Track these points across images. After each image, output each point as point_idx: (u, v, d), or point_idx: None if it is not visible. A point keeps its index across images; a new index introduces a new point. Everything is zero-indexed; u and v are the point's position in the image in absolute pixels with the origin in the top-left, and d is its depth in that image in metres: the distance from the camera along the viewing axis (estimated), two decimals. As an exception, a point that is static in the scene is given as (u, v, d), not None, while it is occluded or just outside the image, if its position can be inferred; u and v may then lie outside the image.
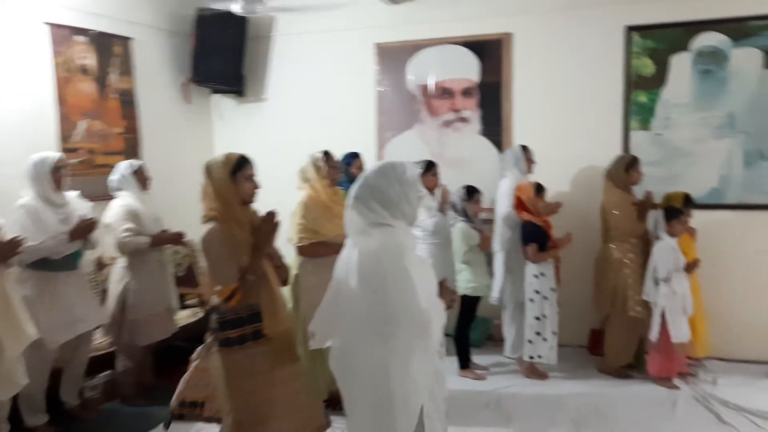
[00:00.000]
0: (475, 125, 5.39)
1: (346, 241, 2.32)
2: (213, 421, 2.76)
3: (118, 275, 4.12)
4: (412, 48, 5.48)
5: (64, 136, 4.57)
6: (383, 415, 2.17)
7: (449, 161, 5.29)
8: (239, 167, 2.63)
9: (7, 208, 3.52)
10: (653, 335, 4.24)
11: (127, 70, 5.16)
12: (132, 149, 5.17)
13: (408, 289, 2.14)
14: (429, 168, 4.57)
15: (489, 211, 4.96)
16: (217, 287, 2.61)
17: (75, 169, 4.23)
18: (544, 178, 4.74)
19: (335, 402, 3.58)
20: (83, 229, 3.67)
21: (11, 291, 3.25)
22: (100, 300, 4.14)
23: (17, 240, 3.16)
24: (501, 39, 5.22)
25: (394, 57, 5.54)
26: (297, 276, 3.71)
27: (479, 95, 5.34)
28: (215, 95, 6.09)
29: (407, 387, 2.17)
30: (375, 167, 2.33)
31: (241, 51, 5.77)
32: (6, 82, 4.16)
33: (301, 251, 3.69)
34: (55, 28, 4.51)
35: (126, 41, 5.13)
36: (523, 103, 5.23)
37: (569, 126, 5.09)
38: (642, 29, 4.85)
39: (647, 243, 4.44)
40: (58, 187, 3.69)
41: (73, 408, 3.99)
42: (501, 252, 4.69)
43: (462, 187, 4.55)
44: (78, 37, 4.70)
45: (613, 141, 4.95)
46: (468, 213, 4.50)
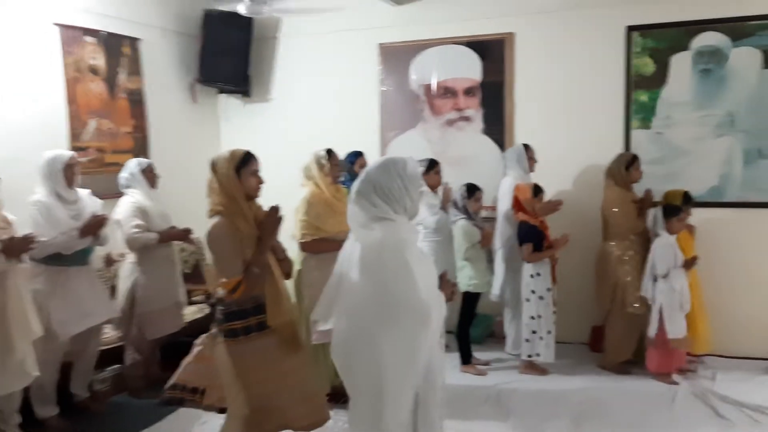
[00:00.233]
0: (478, 124, 5.45)
1: (348, 236, 2.39)
2: (212, 410, 2.81)
3: (127, 270, 4.21)
4: (415, 48, 5.55)
5: (74, 134, 4.67)
6: (375, 403, 2.22)
7: (452, 160, 5.35)
8: (244, 163, 2.70)
9: (20, 204, 3.59)
10: (651, 331, 4.28)
11: (136, 70, 5.26)
12: (140, 148, 5.26)
13: (408, 282, 2.19)
14: (432, 166, 4.64)
15: (491, 209, 5.03)
16: (223, 279, 2.68)
17: (84, 167, 4.30)
18: (545, 176, 4.80)
19: (338, 396, 3.67)
20: (94, 226, 3.75)
21: (22, 287, 3.34)
22: (109, 295, 4.23)
23: (30, 236, 3.25)
24: (503, 39, 5.29)
25: (397, 57, 5.61)
26: (300, 272, 3.77)
27: (482, 94, 5.41)
28: (221, 95, 6.18)
29: (402, 377, 2.22)
30: (377, 163, 2.39)
31: (247, 52, 5.86)
32: (18, 82, 4.26)
33: (304, 247, 3.76)
34: (65, 29, 4.60)
35: (135, 42, 5.23)
36: (525, 102, 5.29)
37: (571, 125, 5.15)
38: (642, 29, 4.89)
39: (647, 240, 4.47)
40: (69, 185, 3.78)
41: (83, 400, 4.08)
42: (502, 249, 4.75)
43: (463, 185, 4.61)
44: (88, 38, 4.79)
45: (614, 139, 5.00)
46: (469, 210, 4.56)
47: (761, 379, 4.36)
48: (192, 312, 4.79)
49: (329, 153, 3.85)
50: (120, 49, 5.09)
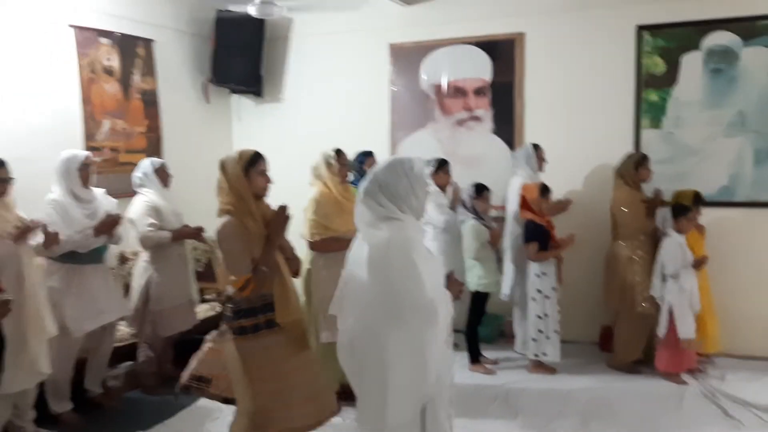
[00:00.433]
0: (488, 124, 5.47)
1: (356, 235, 2.42)
2: (217, 399, 2.85)
3: (141, 269, 4.27)
4: (425, 48, 5.57)
5: (88, 134, 4.75)
6: (382, 401, 2.26)
7: (462, 159, 5.38)
8: (252, 163, 2.75)
9: (36, 202, 3.66)
10: (661, 331, 4.28)
11: (150, 71, 5.33)
12: (154, 148, 5.33)
13: (415, 280, 2.22)
14: (441, 166, 4.67)
15: (501, 209, 5.04)
16: (232, 278, 2.73)
17: (99, 167, 4.37)
18: (555, 176, 4.82)
19: (346, 395, 3.70)
20: (108, 225, 3.81)
21: (38, 287, 3.41)
22: (123, 292, 4.29)
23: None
24: (513, 39, 5.30)
25: (407, 57, 5.64)
26: (309, 270, 3.81)
27: (492, 94, 5.42)
28: (234, 95, 6.24)
29: (409, 375, 2.25)
30: (383, 163, 2.42)
31: (259, 52, 5.91)
32: (34, 83, 4.34)
33: (313, 246, 3.80)
34: (80, 30, 4.68)
35: (149, 43, 5.30)
36: (535, 102, 5.30)
37: (581, 124, 5.15)
38: (653, 28, 4.89)
39: (657, 240, 4.47)
40: (85, 184, 3.84)
41: (97, 396, 4.13)
42: (511, 249, 4.77)
43: (471, 185, 4.63)
44: (102, 40, 4.86)
45: (625, 139, 4.99)
46: (477, 210, 4.58)
47: (771, 380, 4.35)
48: (204, 310, 4.85)
49: (338, 153, 3.89)
50: (134, 50, 5.16)
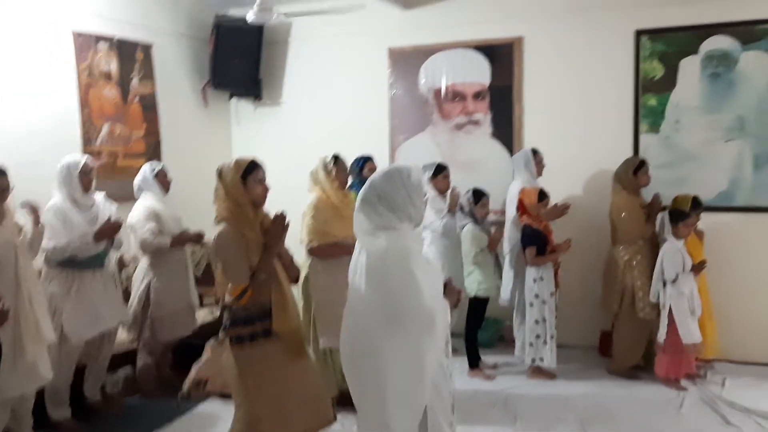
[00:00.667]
0: (487, 128, 5.46)
1: (356, 244, 2.42)
2: (216, 395, 2.84)
3: (141, 274, 4.27)
4: (424, 52, 5.57)
5: (87, 139, 4.75)
6: (381, 410, 2.27)
7: (461, 164, 5.38)
8: (249, 171, 2.74)
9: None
10: (660, 336, 4.28)
11: (148, 75, 5.33)
12: (153, 152, 5.33)
13: (413, 290, 2.22)
14: (440, 170, 4.66)
15: (500, 213, 5.04)
16: (229, 286, 2.73)
17: (97, 171, 4.36)
18: (554, 180, 4.82)
19: (345, 400, 3.70)
20: (108, 230, 3.80)
21: (36, 293, 3.39)
22: (122, 298, 4.28)
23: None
24: (512, 43, 5.30)
25: (406, 61, 5.64)
26: (307, 276, 3.80)
27: (490, 98, 5.42)
28: (233, 99, 6.24)
29: (406, 384, 2.25)
30: (381, 172, 2.42)
31: (258, 56, 5.92)
32: (32, 87, 4.34)
33: (312, 252, 3.79)
34: (79, 35, 4.68)
35: (147, 47, 5.30)
36: (534, 106, 5.30)
37: (579, 129, 5.15)
38: (652, 33, 4.89)
39: (655, 245, 4.47)
40: (86, 190, 3.83)
41: (95, 402, 4.13)
42: (510, 254, 4.76)
43: (470, 190, 4.62)
44: (101, 44, 4.86)
45: (623, 144, 4.99)
46: (475, 216, 4.57)
47: (771, 385, 4.34)
48: (202, 314, 4.84)
49: (336, 159, 3.88)
50: (133, 54, 5.16)
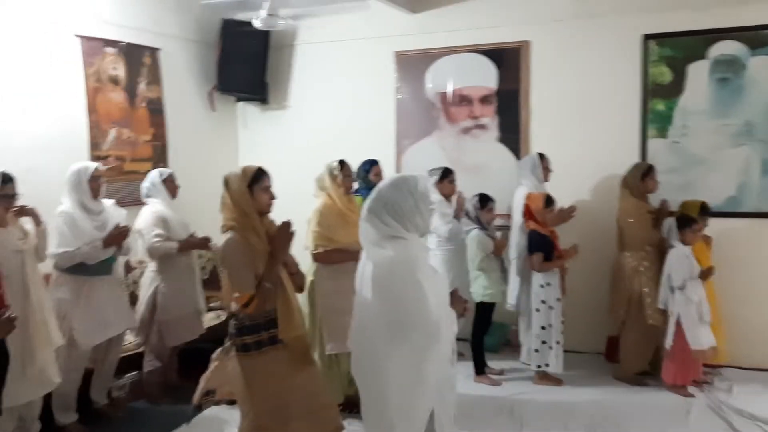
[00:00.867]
0: (493, 132, 5.45)
1: (362, 252, 2.42)
2: (225, 404, 2.85)
3: (148, 279, 4.28)
4: (430, 56, 5.56)
5: (94, 143, 4.76)
6: (384, 420, 2.28)
7: (467, 168, 5.36)
8: (256, 179, 2.75)
9: (43, 212, 3.63)
10: (667, 343, 4.26)
11: (156, 79, 5.34)
12: (159, 156, 5.35)
13: (419, 300, 2.21)
14: (446, 175, 4.66)
15: (506, 218, 5.03)
16: (236, 294, 2.73)
17: (104, 176, 4.39)
18: (561, 185, 4.80)
19: (351, 406, 3.70)
20: (117, 237, 3.83)
21: (44, 298, 3.42)
22: (129, 303, 4.30)
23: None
24: (519, 47, 5.28)
25: (413, 65, 5.63)
26: (313, 282, 3.81)
27: (497, 103, 5.41)
28: (239, 103, 6.25)
29: (409, 394, 2.25)
30: (388, 181, 2.42)
31: (265, 60, 5.92)
32: (40, 92, 4.35)
33: (317, 258, 3.79)
34: (87, 40, 4.70)
35: (154, 52, 5.31)
36: (541, 111, 5.28)
37: (587, 134, 5.12)
38: (659, 37, 4.86)
39: (663, 251, 4.43)
40: (95, 196, 3.85)
41: (102, 407, 4.15)
42: (517, 259, 4.75)
43: (475, 196, 4.61)
44: (108, 49, 4.88)
45: (631, 149, 4.96)
46: (481, 221, 4.56)
47: (779, 393, 4.31)
48: (209, 318, 4.85)
49: (342, 164, 3.88)
50: (140, 59, 5.18)
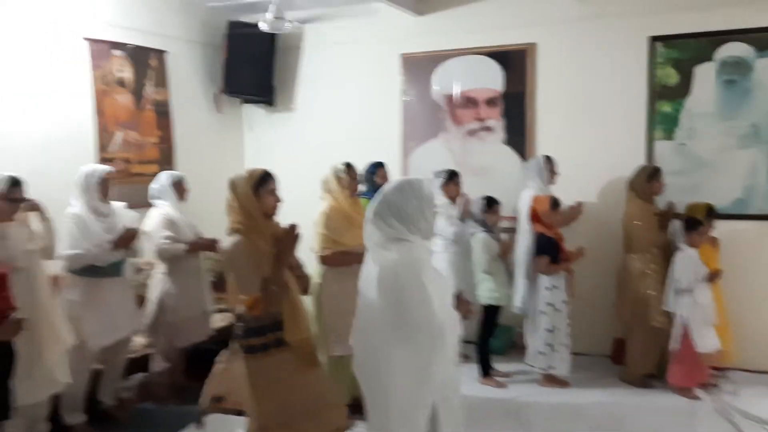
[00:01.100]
0: (499, 134, 5.45)
1: (366, 255, 2.43)
2: (233, 413, 2.87)
3: (157, 280, 4.31)
4: (437, 58, 5.57)
5: (101, 146, 4.79)
6: (387, 421, 2.29)
7: (473, 170, 5.37)
8: (262, 182, 2.77)
9: (51, 214, 3.64)
10: (674, 345, 4.25)
11: (162, 82, 5.37)
12: (166, 158, 5.37)
13: (424, 302, 2.23)
14: (452, 177, 4.67)
15: (512, 220, 5.03)
16: (242, 296, 2.74)
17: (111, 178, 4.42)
18: (567, 187, 4.80)
19: (358, 407, 3.70)
20: (126, 239, 3.86)
21: (52, 298, 3.44)
22: (138, 305, 4.31)
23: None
24: (525, 49, 5.28)
25: (419, 67, 5.64)
26: (319, 285, 3.81)
27: (503, 105, 5.40)
28: (246, 105, 6.27)
29: (412, 395, 2.27)
30: (393, 184, 2.43)
31: (271, 62, 5.94)
32: (48, 95, 4.39)
33: (323, 260, 3.80)
34: (94, 43, 4.73)
35: (161, 54, 5.34)
36: (547, 113, 5.28)
37: (593, 136, 5.11)
38: (666, 39, 4.85)
39: (669, 253, 4.43)
40: (104, 198, 3.88)
41: (109, 407, 4.16)
42: (524, 262, 4.75)
43: (481, 198, 4.61)
44: (115, 51, 4.91)
45: (637, 151, 4.95)
46: (487, 223, 4.56)
47: (786, 396, 4.30)
48: (216, 320, 4.86)
49: (348, 166, 3.89)
50: (147, 62, 5.20)
